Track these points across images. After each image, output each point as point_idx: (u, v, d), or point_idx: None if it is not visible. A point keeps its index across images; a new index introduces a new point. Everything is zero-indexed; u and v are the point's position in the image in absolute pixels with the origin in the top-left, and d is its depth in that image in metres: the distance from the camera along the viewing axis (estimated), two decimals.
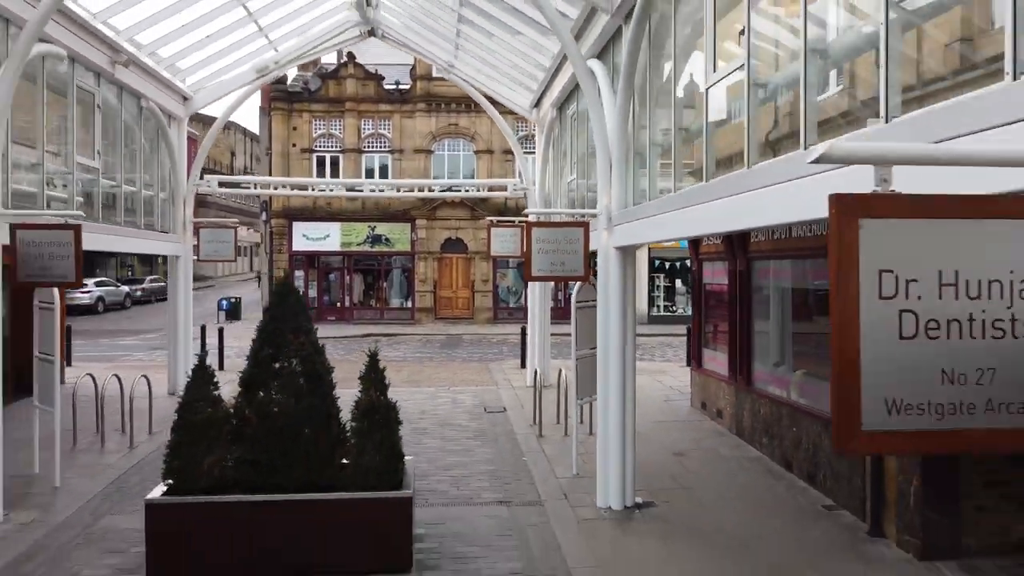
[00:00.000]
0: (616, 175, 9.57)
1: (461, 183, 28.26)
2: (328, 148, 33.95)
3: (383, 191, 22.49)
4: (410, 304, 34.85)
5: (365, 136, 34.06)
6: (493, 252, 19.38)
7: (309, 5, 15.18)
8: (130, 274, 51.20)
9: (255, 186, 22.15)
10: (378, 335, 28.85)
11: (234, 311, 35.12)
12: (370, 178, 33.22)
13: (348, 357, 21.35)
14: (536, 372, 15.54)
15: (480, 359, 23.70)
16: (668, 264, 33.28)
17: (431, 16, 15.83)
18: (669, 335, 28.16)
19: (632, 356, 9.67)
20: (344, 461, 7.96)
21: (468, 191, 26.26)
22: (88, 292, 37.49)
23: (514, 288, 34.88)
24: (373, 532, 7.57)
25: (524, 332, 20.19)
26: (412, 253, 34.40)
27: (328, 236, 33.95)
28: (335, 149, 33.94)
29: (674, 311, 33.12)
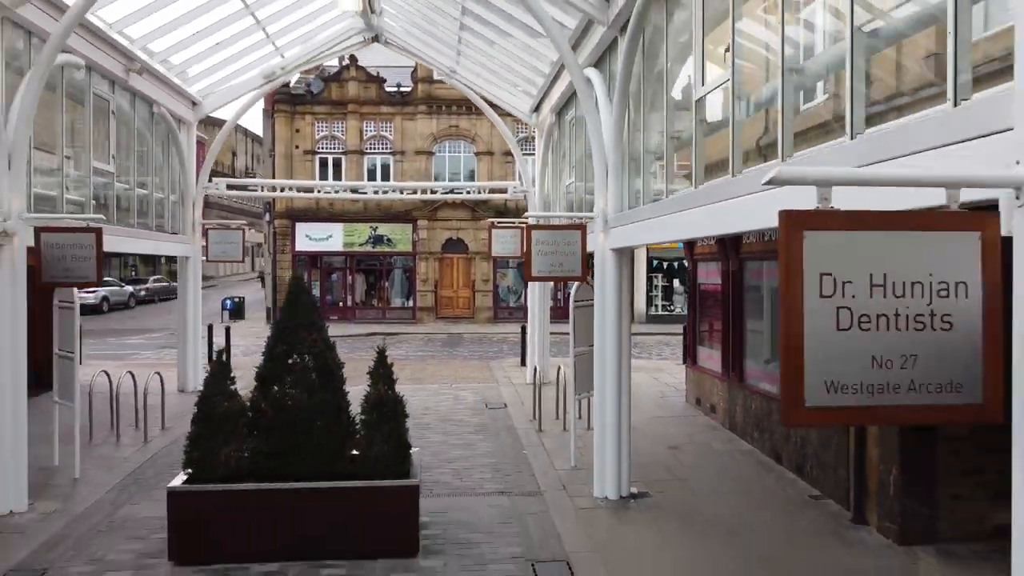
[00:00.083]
0: (612, 180, 10.00)
1: (463, 185, 28.69)
2: (331, 150, 34.39)
3: (387, 193, 22.92)
4: (411, 304, 35.29)
5: (367, 138, 34.49)
6: (494, 253, 19.85)
7: (315, 13, 15.64)
8: (133, 274, 51.66)
9: (262, 188, 22.55)
10: (380, 334, 29.25)
11: (238, 310, 35.58)
12: (372, 179, 33.66)
13: (351, 355, 21.59)
14: (536, 369, 15.99)
15: (481, 357, 24.13)
16: (666, 264, 33.58)
17: (433, 23, 16.22)
18: (667, 334, 28.54)
19: (627, 353, 10.11)
20: (354, 452, 8.41)
21: (470, 193, 26.71)
22: (93, 292, 37.82)
23: (514, 288, 35.28)
24: (382, 518, 8.01)
25: (524, 330, 20.62)
26: (413, 253, 34.84)
27: (331, 236, 34.39)
28: (337, 151, 34.37)
29: (672, 310, 33.42)
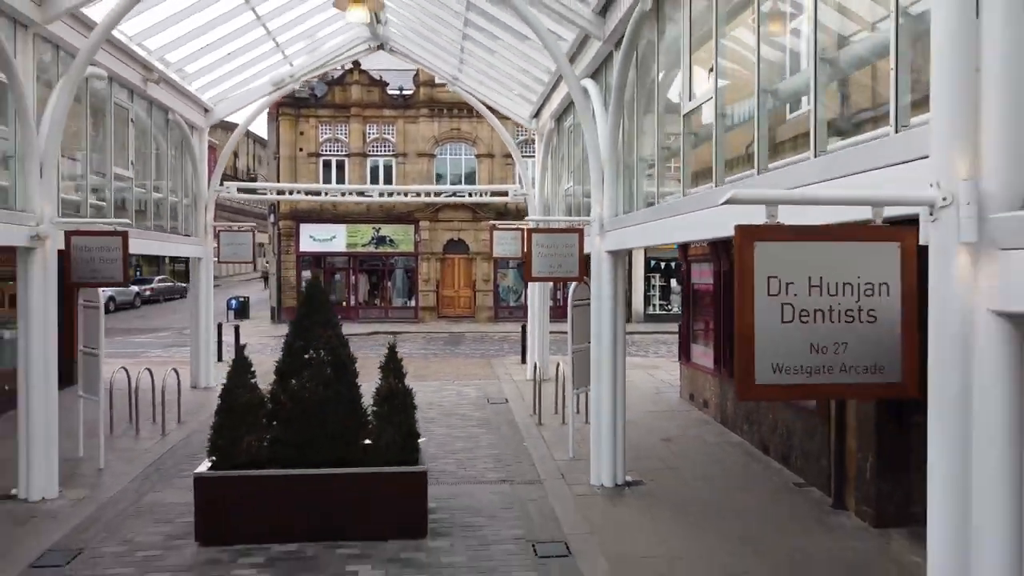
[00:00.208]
0: (608, 186, 10.60)
1: (465, 189, 29.35)
2: (334, 152, 34.99)
3: (392, 196, 23.58)
4: (413, 303, 35.88)
5: (370, 140, 35.09)
6: (496, 254, 20.48)
7: (323, 23, 16.24)
8: (138, 274, 52.16)
9: (272, 192, 23.19)
10: (383, 333, 29.84)
11: (243, 310, 36.14)
12: (374, 180, 34.28)
13: (356, 353, 22.26)
14: (536, 366, 16.59)
15: (482, 355, 24.72)
16: (663, 264, 33.95)
17: (436, 32, 16.81)
18: (663, 332, 29.08)
19: (623, 349, 10.71)
20: (366, 442, 9.02)
21: (472, 196, 27.38)
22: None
23: (514, 287, 35.86)
24: (392, 502, 8.61)
25: (524, 329, 21.21)
26: (415, 254, 35.43)
27: (334, 237, 34.98)
28: (341, 153, 34.97)
29: (669, 309, 33.79)
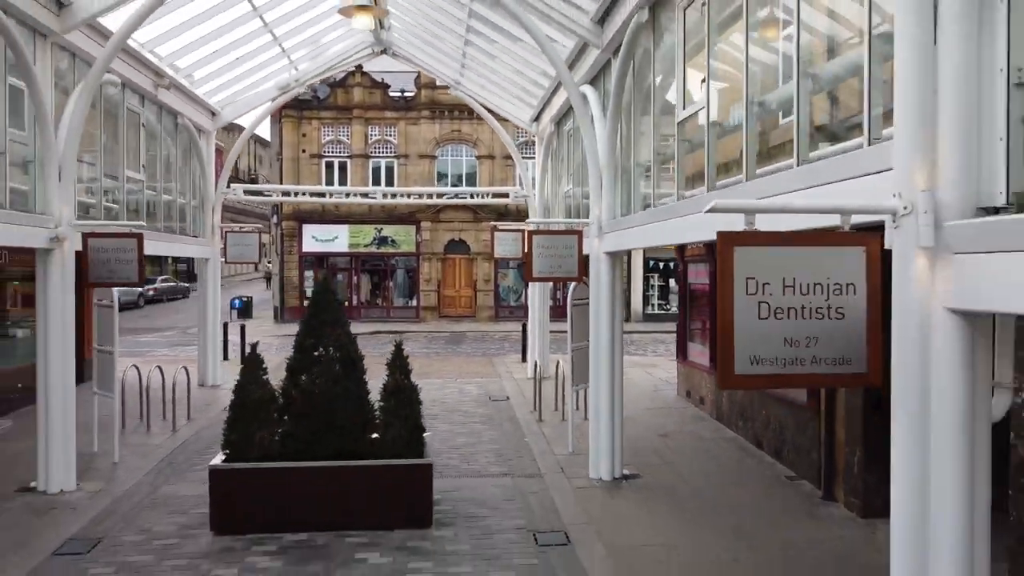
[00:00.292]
0: (606, 189, 10.97)
1: (467, 191, 29.73)
2: (336, 154, 35.37)
3: (396, 197, 23.97)
4: (415, 303, 36.26)
5: (372, 142, 35.46)
6: (497, 254, 20.86)
7: (328, 29, 16.60)
8: None
9: (277, 193, 23.57)
10: (385, 333, 30.23)
11: (246, 309, 36.54)
12: (376, 181, 34.65)
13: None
14: (536, 364, 16.96)
15: (483, 354, 25.10)
16: (662, 264, 34.24)
17: (439, 38, 17.17)
18: (662, 332, 29.39)
19: (620, 347, 11.08)
20: (373, 436, 9.38)
21: (474, 198, 27.77)
22: None
23: (514, 287, 36.23)
24: (399, 494, 8.98)
25: (525, 328, 21.59)
26: (417, 254, 35.81)
27: (336, 238, 35.37)
28: (343, 155, 35.35)
29: (667, 309, 33.99)
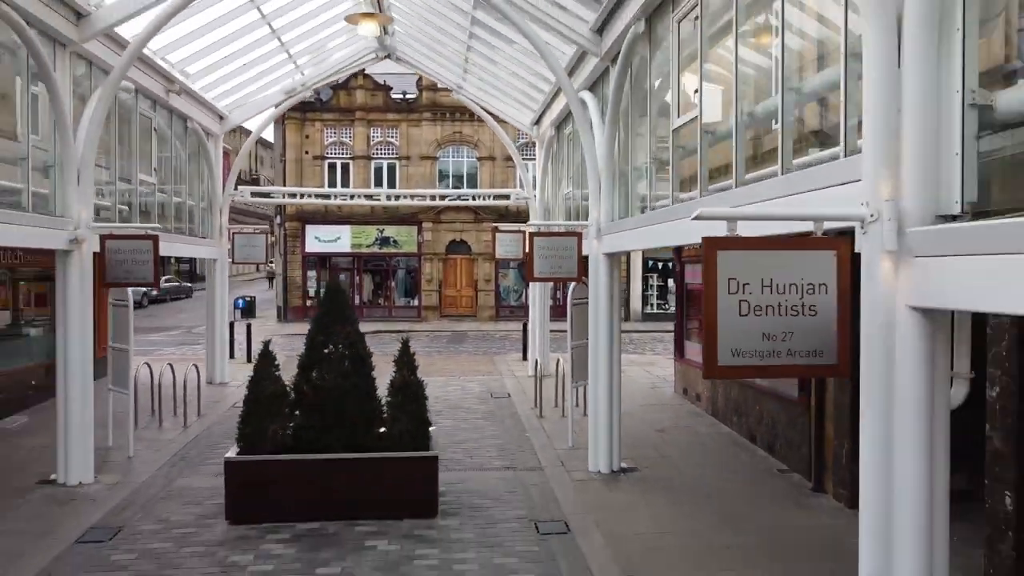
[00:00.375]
0: (604, 192, 11.36)
1: (469, 192, 30.10)
2: (339, 155, 35.76)
3: (398, 199, 24.39)
4: (417, 303, 36.66)
5: (374, 143, 35.86)
6: (498, 255, 21.28)
7: (333, 35, 17.01)
8: None
9: (283, 195, 23.99)
10: (387, 332, 30.62)
11: (249, 309, 36.88)
12: (378, 183, 35.07)
13: None
14: (537, 362, 17.36)
15: (485, 352, 25.50)
16: (661, 265, 34.51)
17: (441, 43, 17.57)
18: (660, 331, 29.71)
19: (618, 345, 11.47)
20: (381, 430, 9.78)
21: (476, 199, 28.17)
22: None
23: (515, 287, 36.63)
24: (406, 484, 9.37)
25: (526, 327, 21.99)
26: (418, 254, 36.21)
27: (339, 238, 35.75)
28: (346, 156, 35.74)
29: (666, 309, 34.21)
